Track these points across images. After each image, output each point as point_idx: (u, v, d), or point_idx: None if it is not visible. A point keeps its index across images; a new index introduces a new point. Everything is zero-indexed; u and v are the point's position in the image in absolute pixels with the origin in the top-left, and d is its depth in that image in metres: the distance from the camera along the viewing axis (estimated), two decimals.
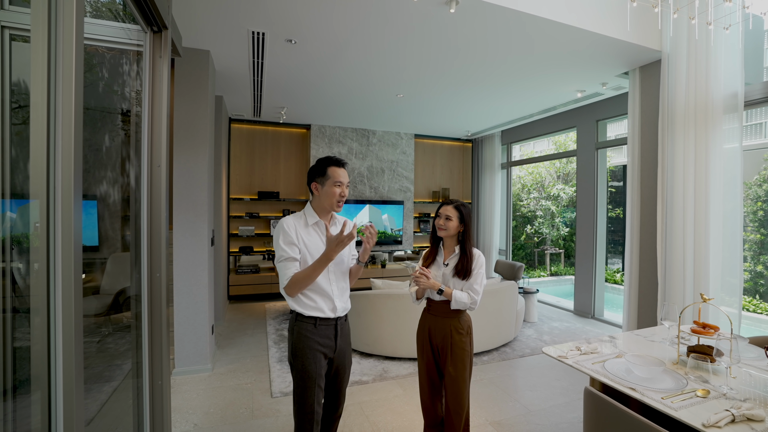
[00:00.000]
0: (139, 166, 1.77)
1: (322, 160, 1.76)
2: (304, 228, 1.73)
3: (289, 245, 1.67)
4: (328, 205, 1.74)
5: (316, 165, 1.77)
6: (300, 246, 1.69)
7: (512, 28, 2.87)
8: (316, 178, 1.75)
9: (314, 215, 1.76)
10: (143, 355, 1.85)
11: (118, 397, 2.63)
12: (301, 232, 1.71)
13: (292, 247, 1.67)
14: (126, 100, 2.15)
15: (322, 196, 1.73)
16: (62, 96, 0.87)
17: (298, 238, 1.69)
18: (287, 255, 1.66)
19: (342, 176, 1.73)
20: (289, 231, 1.67)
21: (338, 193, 1.72)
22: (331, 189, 1.71)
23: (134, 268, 1.93)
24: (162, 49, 1.77)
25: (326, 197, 1.72)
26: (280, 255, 1.67)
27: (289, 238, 1.67)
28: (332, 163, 1.74)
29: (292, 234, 1.67)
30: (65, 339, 0.91)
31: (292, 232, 1.68)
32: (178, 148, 3.20)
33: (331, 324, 1.75)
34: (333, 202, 1.73)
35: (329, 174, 1.73)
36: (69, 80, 0.89)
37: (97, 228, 2.67)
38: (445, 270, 1.96)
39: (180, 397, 2.84)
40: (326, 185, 1.72)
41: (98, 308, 3.01)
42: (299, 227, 1.72)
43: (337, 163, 1.75)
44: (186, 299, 3.22)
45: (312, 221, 1.75)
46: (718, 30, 2.79)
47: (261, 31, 2.96)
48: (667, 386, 1.51)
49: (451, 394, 1.92)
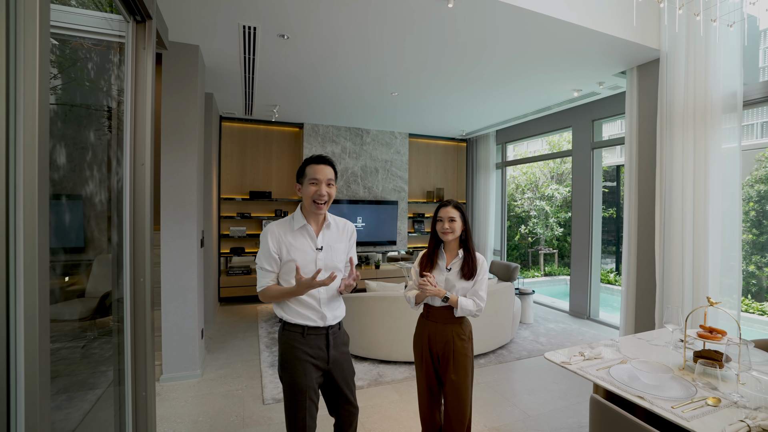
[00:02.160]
0: (124, 165, 1.67)
1: (304, 160, 1.68)
2: (290, 233, 1.63)
3: (266, 257, 1.62)
4: (308, 205, 1.65)
5: (300, 166, 1.69)
6: (283, 254, 1.62)
7: (512, 25, 2.81)
8: (298, 178, 1.69)
9: (301, 219, 1.66)
10: (126, 362, 1.76)
11: (102, 406, 2.52)
12: (286, 238, 1.62)
13: (269, 259, 1.62)
14: (107, 94, 2.04)
15: (303, 196, 1.65)
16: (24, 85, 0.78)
17: (281, 246, 1.61)
18: (263, 266, 1.62)
19: (318, 173, 1.61)
20: (270, 242, 1.61)
21: (313, 191, 1.60)
22: (308, 188, 1.62)
23: (116, 271, 1.83)
24: (146, 41, 1.67)
25: (305, 197, 1.64)
26: (258, 263, 1.65)
27: (267, 250, 1.61)
28: (311, 160, 1.66)
29: (272, 246, 1.61)
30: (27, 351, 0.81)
31: (273, 244, 1.61)
32: (166, 146, 3.09)
33: (321, 333, 1.64)
34: (310, 202, 1.63)
35: (306, 172, 1.64)
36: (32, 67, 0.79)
37: (83, 229, 2.55)
38: (448, 275, 1.89)
39: (167, 405, 2.73)
40: (305, 184, 1.64)
41: (83, 312, 2.89)
42: (283, 234, 1.63)
43: (316, 160, 1.65)
44: (174, 302, 3.10)
45: (298, 225, 1.65)
46: (718, 29, 2.76)
47: (252, 25, 2.86)
48: (676, 394, 1.45)
49: (453, 401, 1.85)
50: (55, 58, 2.08)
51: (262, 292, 1.63)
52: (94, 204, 2.36)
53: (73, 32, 1.64)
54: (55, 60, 2.08)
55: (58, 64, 2.13)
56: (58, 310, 2.75)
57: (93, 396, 2.58)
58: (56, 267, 2.52)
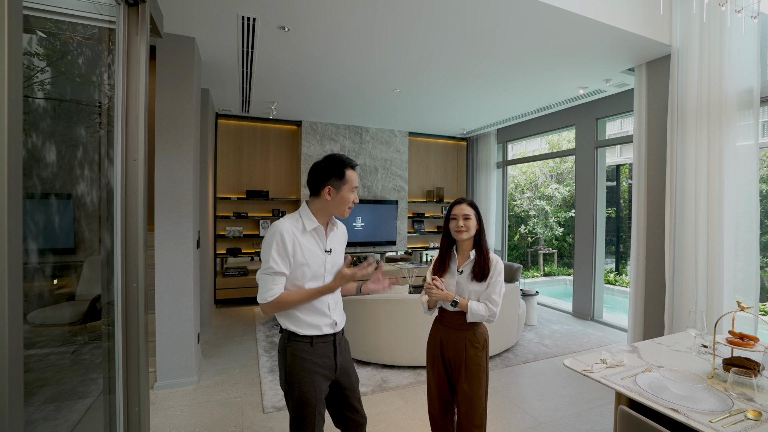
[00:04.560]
0: (114, 160, 1.54)
1: (336, 159, 1.51)
2: (302, 234, 1.50)
3: (282, 258, 1.43)
4: (338, 212, 1.53)
5: (330, 164, 1.51)
6: (297, 256, 1.46)
7: (527, 17, 2.71)
8: (332, 180, 1.50)
9: (313, 220, 1.52)
10: (117, 370, 1.63)
11: (93, 417, 2.38)
12: (299, 239, 1.48)
13: (285, 260, 1.43)
14: (97, 85, 1.91)
15: (334, 201, 1.51)
16: None
17: (296, 247, 1.45)
18: (277, 269, 1.42)
19: (357, 181, 1.56)
20: (287, 240, 1.43)
21: (351, 199, 1.54)
22: (347, 195, 1.52)
23: (105, 274, 1.70)
24: (139, 26, 1.54)
25: (340, 203, 1.52)
26: (269, 266, 1.42)
27: (285, 250, 1.43)
28: (350, 164, 1.53)
29: (288, 244, 1.43)
30: None
31: (289, 242, 1.43)
32: (160, 143, 2.95)
33: (329, 341, 1.54)
34: (345, 210, 1.54)
35: (348, 178, 1.51)
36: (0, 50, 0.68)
37: (73, 229, 2.42)
38: (459, 278, 1.78)
39: (162, 415, 2.60)
40: (343, 190, 1.51)
41: (73, 316, 2.75)
42: (297, 234, 1.48)
43: (353, 165, 1.55)
44: (169, 306, 2.97)
45: (311, 226, 1.51)
46: (733, 24, 2.68)
47: (252, 16, 2.73)
48: (712, 407, 1.35)
49: (465, 412, 1.75)
50: (43, 51, 1.94)
51: (273, 301, 1.41)
52: (85, 204, 2.23)
53: (58, 16, 1.52)
54: (43, 53, 1.95)
55: (46, 56, 1.99)
56: (46, 314, 2.61)
57: (83, 406, 2.44)
58: (45, 269, 2.38)
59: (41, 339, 2.61)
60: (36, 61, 1.92)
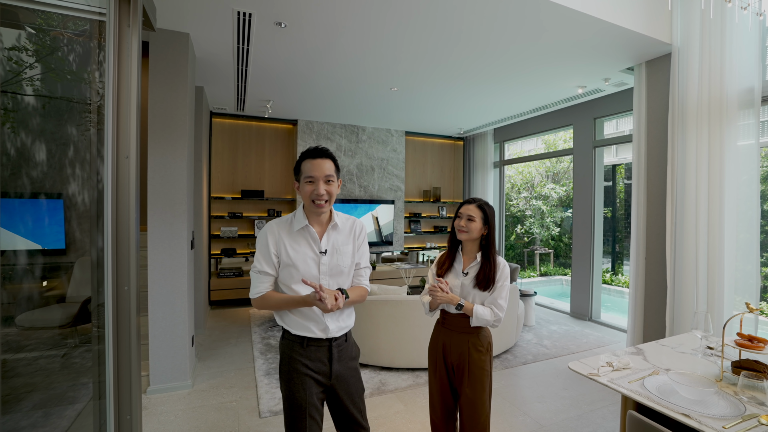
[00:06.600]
0: (105, 157, 1.48)
1: (302, 153, 1.49)
2: (289, 235, 1.47)
3: (265, 258, 1.47)
4: (307, 205, 1.48)
5: (297, 160, 1.51)
6: (282, 257, 1.46)
7: (526, 13, 2.67)
8: (296, 175, 1.51)
9: (303, 219, 1.49)
10: (108, 375, 1.56)
11: (83, 423, 2.30)
12: (285, 239, 1.46)
13: (268, 260, 1.46)
14: (87, 81, 1.85)
15: (302, 197, 1.48)
16: None
17: (280, 248, 1.46)
18: (260, 268, 1.47)
19: (315, 169, 1.43)
20: (269, 241, 1.46)
21: (310, 191, 1.43)
22: (304, 187, 1.45)
23: (96, 276, 1.63)
24: (131, 18, 1.48)
25: (303, 197, 1.47)
26: (255, 265, 1.49)
27: (267, 251, 1.46)
28: (306, 154, 1.47)
29: (272, 245, 1.46)
30: None
31: (271, 244, 1.46)
32: (153, 142, 2.88)
33: (323, 345, 1.47)
34: (309, 203, 1.46)
35: (302, 169, 1.46)
36: None
37: (64, 230, 2.34)
38: (464, 280, 1.73)
39: (155, 420, 2.52)
40: (301, 183, 1.46)
41: (63, 318, 2.67)
42: (283, 234, 1.47)
43: (312, 154, 1.45)
44: (162, 308, 2.89)
45: (299, 226, 1.47)
46: (734, 23, 2.66)
47: (247, 11, 2.67)
48: (724, 412, 1.32)
49: (469, 417, 1.70)
50: (32, 46, 1.87)
51: (259, 298, 1.46)
52: (76, 204, 2.15)
53: (47, 8, 1.45)
54: (32, 48, 1.87)
55: (35, 52, 1.92)
56: (35, 317, 2.53)
57: (73, 412, 2.37)
58: (34, 270, 2.29)
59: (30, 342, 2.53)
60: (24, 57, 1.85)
